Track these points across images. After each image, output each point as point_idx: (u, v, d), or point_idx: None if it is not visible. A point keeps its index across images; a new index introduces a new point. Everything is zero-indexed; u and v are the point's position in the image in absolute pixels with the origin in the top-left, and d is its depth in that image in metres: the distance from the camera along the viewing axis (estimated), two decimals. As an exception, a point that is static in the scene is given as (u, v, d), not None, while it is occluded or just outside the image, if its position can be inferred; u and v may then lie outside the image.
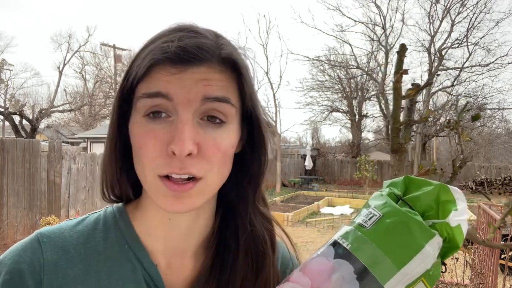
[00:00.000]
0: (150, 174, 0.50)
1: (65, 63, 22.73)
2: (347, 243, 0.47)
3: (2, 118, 18.65)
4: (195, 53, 0.49)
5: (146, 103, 0.49)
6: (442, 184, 0.49)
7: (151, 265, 0.55)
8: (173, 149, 0.47)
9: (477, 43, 18.51)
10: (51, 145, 7.07)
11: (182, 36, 0.49)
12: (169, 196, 0.49)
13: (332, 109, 24.58)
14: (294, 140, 31.23)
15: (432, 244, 0.46)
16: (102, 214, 0.59)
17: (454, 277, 3.75)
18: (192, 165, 0.49)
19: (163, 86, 0.48)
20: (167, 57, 0.48)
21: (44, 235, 0.54)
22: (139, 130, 0.50)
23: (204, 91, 0.49)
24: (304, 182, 17.57)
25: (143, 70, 0.49)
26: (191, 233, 0.58)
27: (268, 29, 19.21)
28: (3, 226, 6.07)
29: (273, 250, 0.61)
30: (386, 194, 0.51)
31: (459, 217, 0.47)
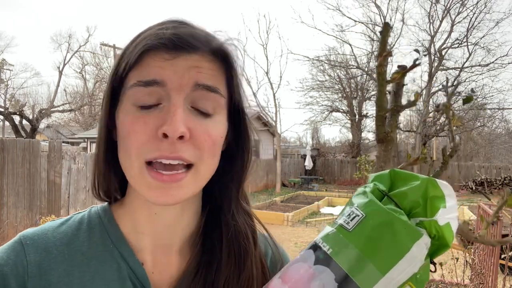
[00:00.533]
0: (136, 161, 0.49)
1: (65, 63, 22.75)
2: (328, 247, 0.44)
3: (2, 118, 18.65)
4: (189, 40, 0.49)
5: (140, 91, 0.49)
6: (430, 178, 0.46)
7: (136, 264, 0.55)
8: (165, 130, 0.46)
9: (477, 43, 18.51)
10: (51, 145, 7.06)
11: (175, 26, 0.51)
12: (156, 188, 0.49)
13: (332, 109, 24.58)
14: (294, 140, 31.25)
15: (419, 246, 0.42)
16: (86, 214, 0.59)
17: (454, 277, 3.75)
18: (183, 149, 0.48)
19: (157, 72, 0.49)
20: (161, 43, 0.49)
21: (27, 237, 0.53)
22: (128, 117, 0.50)
23: (196, 77, 0.50)
24: (304, 182, 17.56)
25: (135, 56, 0.49)
26: (177, 229, 0.58)
27: (268, 29, 19.24)
28: (3, 226, 6.07)
29: (255, 245, 0.61)
30: (370, 190, 0.47)
31: (449, 215, 0.44)
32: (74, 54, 23.31)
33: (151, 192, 0.49)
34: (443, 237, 0.43)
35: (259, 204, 11.20)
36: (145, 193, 0.50)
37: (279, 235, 7.83)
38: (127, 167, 0.51)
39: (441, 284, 4.36)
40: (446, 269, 3.89)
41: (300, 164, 20.37)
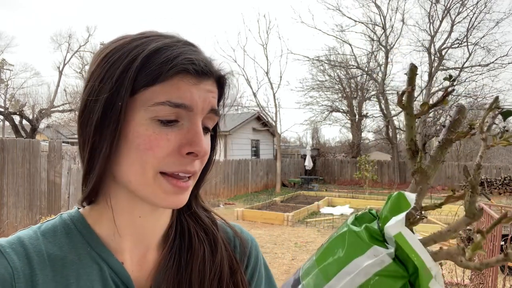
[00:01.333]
0: (151, 171, 0.52)
1: (65, 63, 22.75)
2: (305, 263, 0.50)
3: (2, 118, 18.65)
4: (210, 67, 0.55)
5: (166, 110, 0.51)
6: (399, 192, 0.45)
7: (117, 264, 0.57)
8: (195, 151, 0.52)
9: (477, 43, 18.52)
10: (51, 145, 7.07)
11: (192, 50, 0.55)
12: (172, 192, 0.53)
13: (332, 109, 24.58)
14: (294, 140, 31.27)
15: (368, 256, 0.41)
16: (58, 221, 0.59)
17: (454, 277, 3.76)
18: (196, 165, 0.55)
19: (187, 97, 0.52)
20: (195, 69, 0.52)
21: (4, 246, 0.52)
22: (149, 131, 0.51)
23: (212, 102, 0.56)
24: (304, 182, 17.57)
25: (166, 75, 0.50)
26: (155, 230, 0.62)
27: (268, 29, 19.24)
28: (3, 226, 6.07)
29: (217, 230, 0.68)
30: (358, 215, 0.48)
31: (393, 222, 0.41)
32: (74, 54, 23.32)
33: (167, 196, 0.53)
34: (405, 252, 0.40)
35: (259, 204, 11.21)
36: (158, 196, 0.53)
37: (279, 235, 7.84)
38: (138, 176, 0.52)
39: (441, 284, 4.35)
40: (446, 269, 3.89)
41: (300, 164, 20.38)
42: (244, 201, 12.70)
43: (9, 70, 20.68)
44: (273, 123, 16.95)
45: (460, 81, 19.35)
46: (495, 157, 23.45)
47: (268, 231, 8.25)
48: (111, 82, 0.51)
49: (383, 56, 20.69)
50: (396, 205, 0.44)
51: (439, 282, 0.41)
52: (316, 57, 21.82)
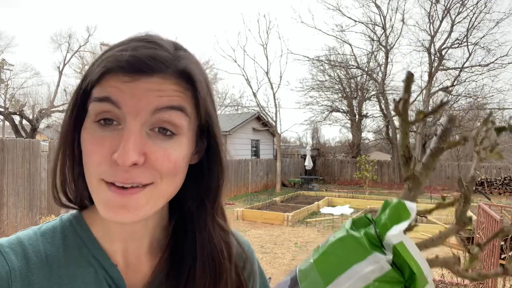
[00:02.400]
0: (94, 177, 0.49)
1: (65, 63, 22.74)
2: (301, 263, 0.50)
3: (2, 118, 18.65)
4: (148, 63, 0.48)
5: (96, 108, 0.49)
6: (399, 201, 0.45)
7: (111, 266, 0.57)
8: (116, 159, 0.46)
9: (477, 43, 18.53)
10: (51, 145, 7.07)
11: (138, 46, 0.49)
12: (112, 205, 0.48)
13: (332, 109, 24.59)
14: (294, 140, 31.26)
15: (368, 262, 0.42)
16: (58, 222, 0.59)
17: (454, 277, 3.75)
18: (137, 174, 0.48)
19: (112, 92, 0.48)
20: (119, 66, 0.48)
21: (3, 245, 0.53)
22: (88, 136, 0.50)
23: (156, 102, 0.48)
24: (304, 182, 17.57)
25: (96, 76, 0.49)
26: (145, 233, 0.60)
27: (268, 29, 19.21)
28: (3, 226, 6.07)
29: (230, 260, 0.62)
30: (355, 219, 0.48)
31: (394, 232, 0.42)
32: (74, 54, 23.32)
33: (109, 209, 0.49)
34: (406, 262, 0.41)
35: (259, 204, 11.21)
36: (102, 210, 0.50)
37: (279, 235, 7.84)
38: (87, 180, 0.51)
39: (441, 284, 4.36)
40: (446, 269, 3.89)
41: (300, 164, 20.38)
42: (244, 201, 12.70)
43: (9, 70, 20.67)
44: (273, 123, 16.95)
45: (460, 81, 19.36)
46: (495, 157, 23.39)
47: (268, 231, 8.26)
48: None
49: (383, 56, 20.70)
50: (395, 213, 0.44)
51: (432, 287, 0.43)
52: (316, 57, 21.84)
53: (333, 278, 0.43)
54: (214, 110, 0.58)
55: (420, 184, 0.48)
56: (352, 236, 0.44)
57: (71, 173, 0.57)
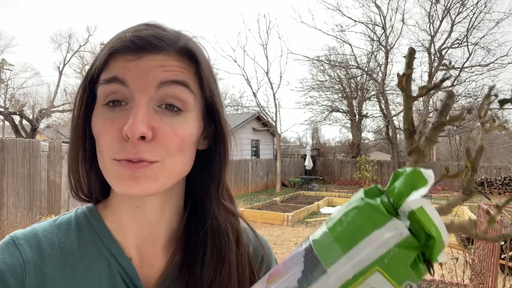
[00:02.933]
0: (107, 159, 0.51)
1: (65, 63, 22.73)
2: (313, 235, 0.48)
3: (2, 118, 18.64)
4: (151, 41, 0.50)
5: (104, 90, 0.51)
6: (414, 168, 0.45)
7: (125, 260, 0.57)
8: (126, 131, 0.47)
9: (477, 43, 18.52)
10: (51, 145, 7.07)
11: (139, 29, 0.52)
12: (125, 177, 0.49)
13: (332, 109, 24.58)
14: (294, 140, 31.25)
15: (387, 228, 0.42)
16: (73, 215, 0.60)
17: (454, 277, 3.76)
18: (145, 150, 0.49)
19: (119, 71, 0.50)
20: (124, 45, 0.50)
21: (19, 237, 0.54)
22: (99, 119, 0.52)
23: (161, 76, 0.50)
24: (304, 182, 17.56)
25: (102, 59, 0.51)
26: (160, 224, 0.60)
27: (268, 29, 19.24)
28: (3, 226, 6.08)
29: (237, 243, 0.62)
30: (366, 189, 0.48)
31: (414, 197, 0.42)
32: (74, 54, 23.32)
33: (122, 181, 0.50)
34: (425, 226, 0.42)
35: (259, 204, 11.20)
36: (116, 184, 0.51)
37: (279, 235, 7.84)
38: (101, 164, 0.53)
39: (441, 284, 4.36)
40: (446, 269, 3.90)
41: (300, 164, 20.37)
42: (244, 201, 12.70)
43: (9, 70, 20.68)
44: (273, 123, 16.95)
45: (460, 81, 19.36)
46: (495, 157, 23.46)
47: (268, 231, 8.26)
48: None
49: (383, 56, 20.70)
50: (411, 180, 0.44)
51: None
52: (316, 57, 21.83)
53: (352, 245, 0.42)
54: (217, 89, 0.59)
55: (425, 156, 0.50)
56: (368, 203, 0.43)
57: (84, 166, 0.58)
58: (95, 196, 0.61)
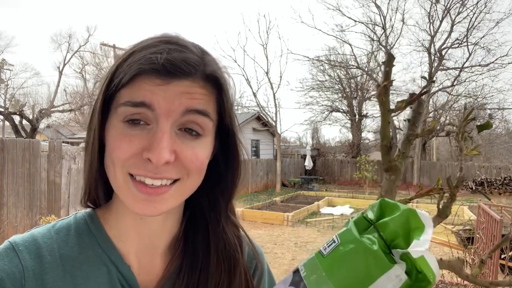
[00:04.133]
0: (120, 172, 0.51)
1: (65, 63, 22.71)
2: (303, 270, 0.48)
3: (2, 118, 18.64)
4: (181, 67, 0.50)
5: (128, 111, 0.50)
6: (410, 208, 0.46)
7: (125, 267, 0.57)
8: (150, 157, 0.48)
9: (477, 43, 18.52)
10: (51, 145, 7.07)
11: (170, 49, 0.50)
12: (140, 199, 0.50)
13: (332, 109, 24.58)
14: (294, 140, 31.24)
15: (388, 277, 0.43)
16: (72, 220, 0.59)
17: (454, 277, 3.75)
18: (168, 171, 0.50)
19: (147, 96, 0.49)
20: (154, 68, 0.49)
21: (18, 244, 0.54)
22: (116, 133, 0.51)
23: (187, 103, 0.50)
24: (304, 182, 17.56)
25: (128, 78, 0.49)
26: (161, 233, 0.61)
27: (268, 29, 19.23)
28: (3, 226, 6.07)
29: (242, 255, 0.64)
30: (355, 219, 0.49)
31: (419, 248, 0.43)
32: (74, 54, 23.29)
33: (136, 203, 0.51)
34: (422, 272, 0.43)
35: (259, 204, 11.20)
36: (130, 204, 0.51)
37: (279, 235, 7.83)
38: (112, 177, 0.53)
39: (441, 284, 4.36)
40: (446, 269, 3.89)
41: (300, 164, 20.37)
42: (244, 201, 12.69)
43: (9, 70, 20.66)
44: (273, 123, 16.94)
45: (460, 81, 19.36)
46: (495, 157, 23.45)
47: (268, 231, 8.25)
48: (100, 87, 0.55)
49: (383, 56, 20.68)
50: (406, 222, 0.45)
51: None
52: (316, 57, 21.82)
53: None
54: (234, 111, 0.60)
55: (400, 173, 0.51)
56: (368, 249, 0.44)
57: (97, 174, 0.58)
58: (99, 202, 0.61)
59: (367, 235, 0.46)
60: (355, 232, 0.46)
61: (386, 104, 0.43)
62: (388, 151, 0.46)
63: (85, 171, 0.58)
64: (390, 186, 0.47)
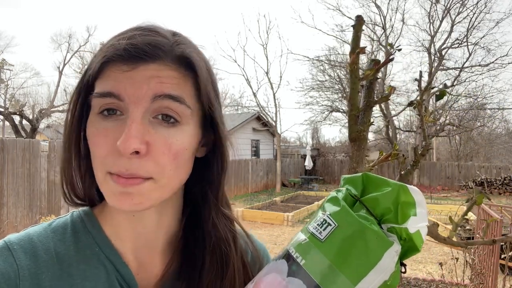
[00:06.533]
0: (100, 170, 0.49)
1: (65, 63, 22.70)
2: (300, 258, 0.45)
3: (2, 118, 18.64)
4: (146, 49, 0.48)
5: (99, 102, 0.49)
6: (402, 184, 0.46)
7: (123, 266, 0.56)
8: (119, 146, 0.46)
9: (477, 43, 18.51)
10: (51, 145, 7.06)
11: (135, 34, 0.49)
12: (117, 192, 0.48)
13: (332, 109, 24.55)
14: (294, 140, 31.23)
15: (389, 254, 0.43)
16: (69, 219, 0.59)
17: (454, 277, 3.75)
18: (139, 166, 0.47)
19: (114, 86, 0.48)
20: (117, 54, 0.48)
21: (13, 243, 0.52)
22: (93, 128, 0.50)
23: (156, 88, 0.48)
24: (304, 182, 17.56)
25: (96, 67, 0.49)
26: (158, 231, 0.59)
27: (268, 29, 19.25)
28: (3, 226, 6.07)
29: (236, 250, 0.62)
30: (343, 196, 0.48)
31: (419, 224, 0.44)
32: (74, 54, 23.30)
33: (114, 196, 0.49)
34: (413, 242, 0.45)
35: (259, 204, 11.20)
36: (109, 198, 0.50)
37: (279, 235, 7.83)
38: (95, 173, 0.51)
39: (441, 284, 4.36)
40: (446, 269, 3.89)
41: (300, 164, 20.36)
42: (244, 201, 12.69)
43: (9, 70, 20.66)
44: (273, 123, 16.94)
45: (460, 81, 19.36)
46: (495, 157, 23.45)
47: (268, 231, 8.25)
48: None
49: (383, 56, 20.68)
50: (397, 197, 0.45)
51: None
52: (316, 57, 21.82)
53: (362, 276, 0.42)
54: (217, 96, 0.57)
55: (366, 143, 0.52)
56: (370, 229, 0.43)
57: (78, 171, 0.57)
58: (91, 200, 0.60)
59: (357, 213, 0.45)
60: (353, 213, 0.45)
61: (357, 72, 0.43)
62: (356, 121, 0.47)
63: (62, 167, 0.57)
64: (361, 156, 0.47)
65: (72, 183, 0.57)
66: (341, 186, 0.51)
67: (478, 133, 23.06)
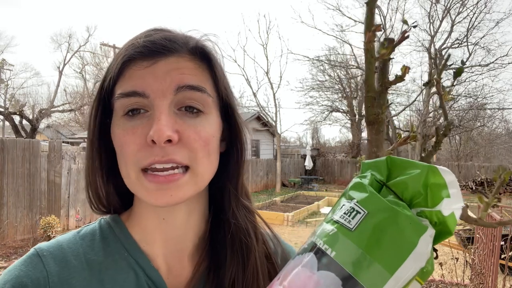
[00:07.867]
0: (132, 169, 0.50)
1: (65, 63, 22.70)
2: (330, 249, 0.42)
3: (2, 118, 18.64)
4: (164, 44, 0.50)
5: (123, 103, 0.50)
6: (430, 165, 0.43)
7: (153, 271, 0.55)
8: (152, 136, 0.47)
9: (477, 43, 18.52)
10: (51, 145, 7.06)
11: (150, 33, 0.52)
12: (153, 190, 0.49)
13: (332, 109, 24.57)
14: (294, 140, 31.24)
15: (425, 239, 0.41)
16: (97, 225, 0.59)
17: (454, 277, 3.75)
18: (174, 152, 0.48)
19: (137, 84, 0.49)
20: (138, 52, 0.50)
21: (43, 250, 0.54)
22: (119, 130, 0.51)
23: (178, 79, 0.50)
24: (304, 182, 17.56)
25: (117, 69, 0.50)
26: (186, 234, 0.59)
27: (268, 29, 19.26)
28: (3, 226, 6.07)
29: (257, 241, 0.60)
30: (368, 182, 0.45)
31: (454, 206, 0.41)
32: (74, 54, 23.28)
33: (151, 195, 0.49)
34: (446, 225, 0.42)
35: (259, 204, 11.20)
36: (145, 197, 0.50)
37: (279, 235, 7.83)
38: (125, 175, 0.52)
39: (441, 284, 4.36)
40: (446, 269, 3.89)
41: (300, 164, 20.36)
42: (244, 201, 12.69)
43: (9, 70, 20.65)
44: (273, 123, 16.94)
45: (460, 81, 19.35)
46: (495, 157, 23.45)
47: (268, 231, 8.26)
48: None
49: (383, 56, 20.65)
50: (426, 179, 0.43)
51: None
52: (316, 57, 21.81)
53: (398, 265, 0.40)
54: (230, 85, 0.59)
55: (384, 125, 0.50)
56: (403, 215, 0.41)
57: (102, 180, 0.57)
58: (114, 209, 0.61)
59: (386, 199, 0.43)
60: (383, 199, 0.42)
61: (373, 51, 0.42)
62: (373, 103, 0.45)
63: (87, 177, 0.57)
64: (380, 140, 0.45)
65: (97, 191, 0.58)
66: (362, 173, 0.48)
67: (478, 133, 23.07)
